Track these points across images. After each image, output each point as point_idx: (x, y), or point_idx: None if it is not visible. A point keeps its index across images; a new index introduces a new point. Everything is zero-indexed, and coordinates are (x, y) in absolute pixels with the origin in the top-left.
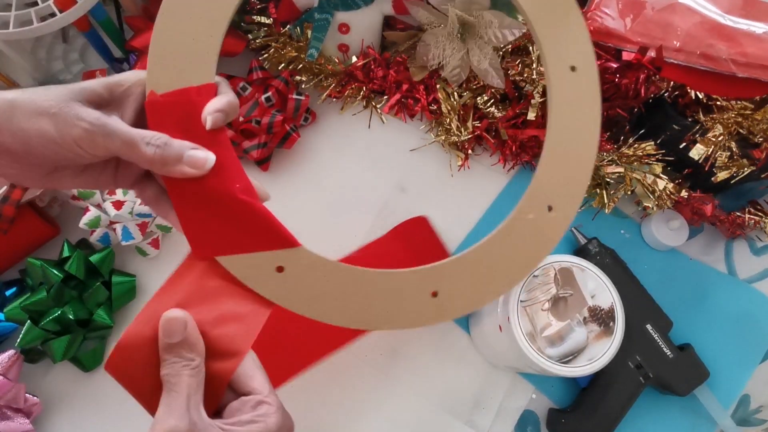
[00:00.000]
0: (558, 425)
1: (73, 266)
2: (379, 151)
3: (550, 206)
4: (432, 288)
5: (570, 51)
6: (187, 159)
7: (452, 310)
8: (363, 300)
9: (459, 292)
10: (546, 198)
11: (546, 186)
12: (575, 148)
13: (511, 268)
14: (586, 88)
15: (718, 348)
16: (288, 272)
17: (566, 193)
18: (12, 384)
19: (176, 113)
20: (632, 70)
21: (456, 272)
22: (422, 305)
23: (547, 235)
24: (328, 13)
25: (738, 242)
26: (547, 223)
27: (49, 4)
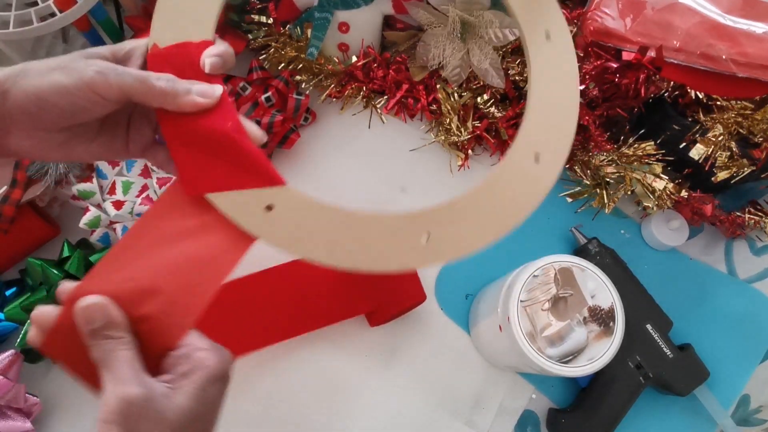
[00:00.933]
0: (558, 425)
1: (73, 266)
2: (379, 151)
3: (537, 154)
4: (423, 231)
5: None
6: (196, 90)
7: (443, 254)
8: (353, 241)
9: (450, 236)
10: (533, 146)
11: (532, 135)
12: (558, 100)
13: (500, 216)
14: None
15: (718, 348)
16: (277, 211)
17: (553, 142)
18: (12, 384)
19: (176, 62)
20: (632, 70)
21: (447, 217)
22: (413, 248)
23: (536, 183)
24: (328, 12)
25: (738, 242)
26: (535, 171)
27: (49, 4)
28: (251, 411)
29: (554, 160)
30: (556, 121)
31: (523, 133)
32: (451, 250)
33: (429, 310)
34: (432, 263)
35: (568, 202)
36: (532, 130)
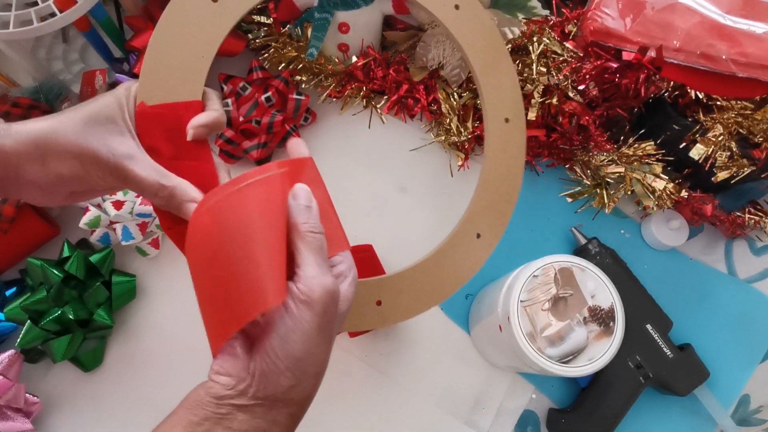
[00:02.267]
0: (558, 425)
1: (73, 266)
2: (379, 151)
3: (478, 234)
4: (377, 297)
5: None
6: (184, 211)
7: (393, 317)
8: None
9: (399, 302)
10: (475, 227)
11: (476, 218)
12: (503, 187)
13: (444, 285)
14: (515, 136)
15: (718, 348)
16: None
17: (493, 223)
18: (12, 384)
19: (164, 124)
20: (632, 70)
21: (397, 285)
22: (368, 312)
23: (475, 257)
24: (328, 13)
25: (738, 242)
26: (476, 247)
27: (49, 4)
28: None
29: (492, 238)
30: (498, 207)
31: (469, 214)
32: (400, 314)
33: (429, 310)
34: (383, 326)
35: (568, 202)
36: (476, 213)
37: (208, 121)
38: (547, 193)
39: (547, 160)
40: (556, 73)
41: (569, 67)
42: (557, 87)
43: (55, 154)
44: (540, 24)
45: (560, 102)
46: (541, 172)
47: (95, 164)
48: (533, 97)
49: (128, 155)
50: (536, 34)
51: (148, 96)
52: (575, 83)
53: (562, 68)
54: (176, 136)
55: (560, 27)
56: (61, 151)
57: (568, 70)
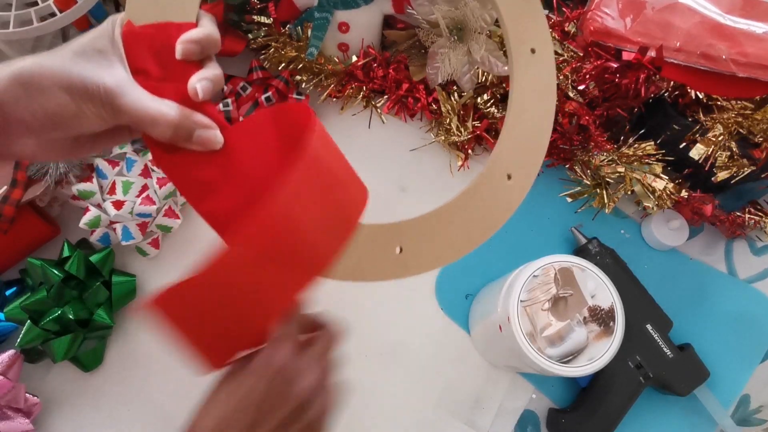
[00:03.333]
0: (558, 425)
1: (73, 266)
2: (379, 151)
3: (509, 175)
4: (398, 243)
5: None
6: (195, 139)
7: (416, 266)
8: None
9: (423, 249)
10: (505, 167)
11: (505, 156)
12: (534, 122)
13: (472, 231)
14: (544, 69)
15: (718, 348)
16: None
17: (524, 163)
18: (12, 384)
19: (152, 44)
20: (632, 70)
21: (420, 230)
22: (388, 259)
23: (507, 201)
24: (327, 12)
25: (738, 242)
26: (506, 190)
27: (49, 4)
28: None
29: (525, 180)
30: (530, 141)
31: (496, 154)
32: (424, 263)
33: (429, 310)
34: (404, 275)
35: (568, 202)
36: (505, 152)
37: (199, 37)
38: (547, 193)
39: (547, 160)
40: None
41: (569, 66)
42: (557, 87)
43: (40, 87)
44: None
45: (560, 102)
46: (541, 172)
47: (86, 96)
48: None
49: (120, 84)
50: None
51: (137, 16)
52: (575, 83)
53: (563, 68)
54: (166, 57)
55: (560, 27)
56: (47, 84)
57: (568, 69)
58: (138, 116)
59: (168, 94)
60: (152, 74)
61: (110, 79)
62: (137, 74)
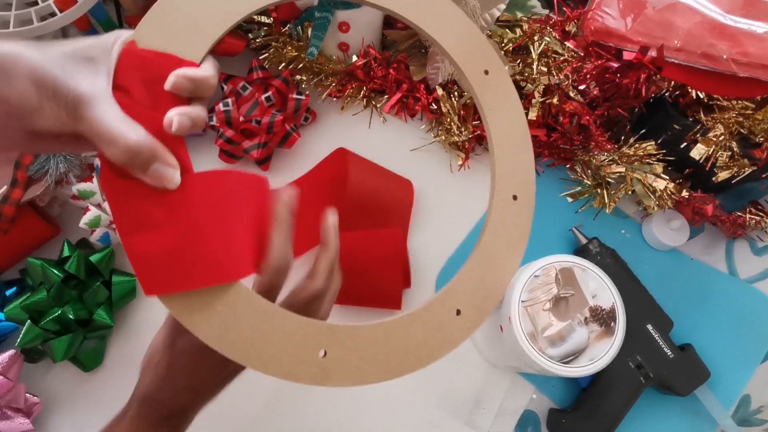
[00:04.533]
0: (559, 425)
1: (73, 266)
2: (379, 150)
3: (458, 310)
4: (322, 346)
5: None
6: (150, 173)
7: (337, 377)
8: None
9: (348, 360)
10: (457, 302)
11: (460, 292)
12: (497, 267)
13: (403, 359)
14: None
15: (718, 348)
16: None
17: (477, 305)
18: (12, 384)
19: (147, 70)
20: (633, 69)
21: (351, 339)
22: (307, 360)
23: (450, 336)
24: (328, 12)
25: (739, 242)
26: (452, 324)
27: (49, 4)
28: (250, 411)
29: (473, 321)
30: (487, 289)
31: (451, 286)
32: (344, 377)
33: None
34: (321, 384)
35: (568, 202)
36: (460, 289)
37: (195, 76)
38: (547, 193)
39: (547, 159)
40: (556, 72)
41: (570, 66)
42: (558, 87)
43: (10, 73)
44: (541, 23)
45: (561, 102)
46: (541, 172)
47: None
48: (534, 96)
49: (95, 95)
50: (537, 34)
51: (143, 39)
52: (576, 83)
53: (563, 68)
54: (155, 85)
55: (561, 26)
56: (18, 72)
57: (568, 69)
58: (97, 131)
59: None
60: (133, 95)
61: (86, 87)
62: (117, 89)
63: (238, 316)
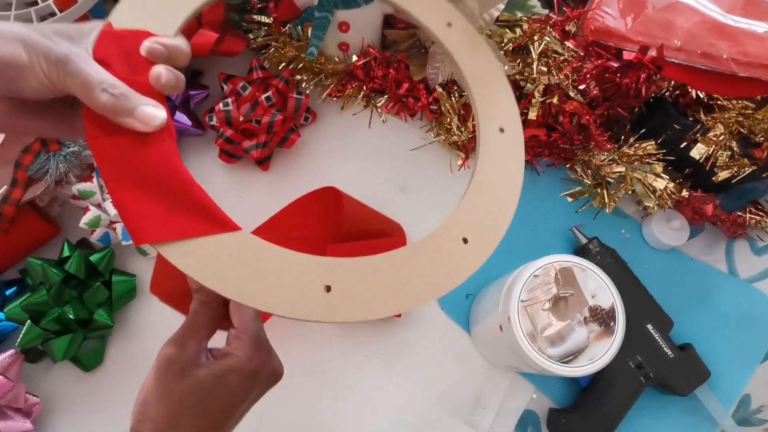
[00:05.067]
0: (559, 425)
1: (73, 266)
2: (379, 150)
3: (465, 239)
4: (326, 282)
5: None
6: (138, 113)
7: (343, 311)
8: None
9: (355, 294)
10: (462, 231)
11: (463, 221)
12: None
13: (414, 288)
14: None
15: (718, 348)
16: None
17: (483, 234)
18: (12, 384)
19: (124, 44)
20: (633, 69)
21: (357, 274)
22: (312, 296)
23: (460, 264)
24: (328, 12)
25: (739, 242)
26: (460, 253)
27: (49, 4)
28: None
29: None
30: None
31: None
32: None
33: (429, 309)
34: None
35: (568, 202)
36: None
37: (168, 42)
38: (547, 192)
39: (547, 159)
40: (556, 72)
41: (570, 66)
42: (558, 86)
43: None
44: (541, 23)
45: (561, 101)
46: (541, 172)
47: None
48: (534, 96)
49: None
50: (537, 33)
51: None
52: (576, 83)
53: (563, 67)
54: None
55: (561, 26)
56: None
57: (568, 69)
58: (86, 79)
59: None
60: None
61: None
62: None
63: (235, 256)
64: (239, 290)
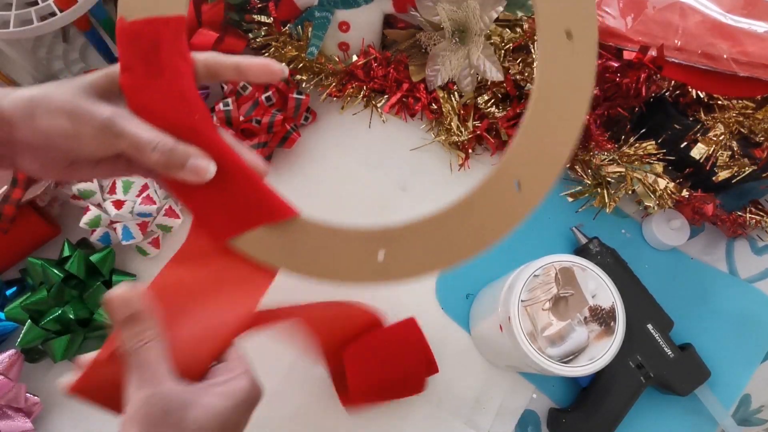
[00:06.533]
0: (559, 425)
1: (73, 266)
2: (379, 150)
3: (519, 182)
4: (381, 248)
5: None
6: (189, 167)
7: (397, 273)
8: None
9: (407, 256)
10: (516, 173)
11: (518, 161)
12: (558, 127)
13: (466, 241)
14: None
15: (719, 348)
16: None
17: (538, 173)
18: (12, 384)
19: (142, 44)
20: (633, 69)
21: (406, 237)
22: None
23: (511, 211)
24: (328, 12)
25: (739, 242)
26: (512, 199)
27: (49, 4)
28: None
29: (537, 189)
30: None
31: (509, 157)
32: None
33: (429, 309)
34: (381, 281)
35: (568, 202)
36: (519, 157)
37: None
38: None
39: None
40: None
41: None
42: None
43: (45, 109)
44: None
45: None
46: None
47: (86, 120)
48: None
49: (120, 113)
50: None
51: (128, 9)
52: None
53: None
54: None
55: None
56: (52, 108)
57: None
58: (137, 141)
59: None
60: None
61: (112, 110)
62: (126, 71)
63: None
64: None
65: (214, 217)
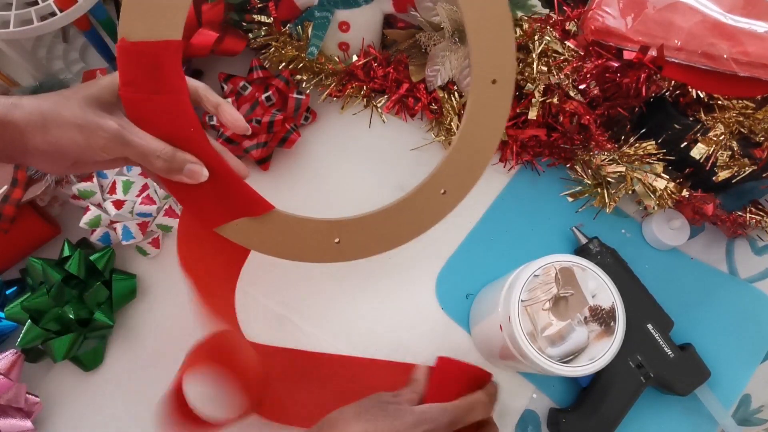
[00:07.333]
0: (559, 425)
1: (73, 266)
2: (379, 150)
3: (444, 190)
4: (336, 237)
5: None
6: (186, 171)
7: (350, 254)
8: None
9: (357, 241)
10: (443, 184)
11: (445, 175)
12: (478, 149)
13: (401, 232)
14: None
15: (719, 347)
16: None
17: (459, 184)
18: (13, 383)
19: (143, 63)
20: (633, 69)
21: (357, 227)
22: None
23: (436, 211)
24: (328, 11)
25: (739, 242)
26: (438, 202)
27: (49, 4)
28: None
29: (457, 195)
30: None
31: (438, 170)
32: (355, 252)
33: (429, 309)
34: (338, 260)
35: (569, 202)
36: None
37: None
38: (547, 192)
39: (547, 159)
40: (557, 72)
41: (570, 66)
42: (558, 86)
43: (56, 124)
44: (541, 23)
45: (561, 101)
46: (542, 172)
47: (97, 133)
48: (534, 96)
49: (125, 125)
50: (537, 33)
51: (129, 31)
52: (576, 82)
53: (563, 67)
54: (154, 73)
55: (561, 26)
56: (63, 122)
57: (569, 69)
58: (143, 150)
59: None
60: (140, 86)
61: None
62: (127, 85)
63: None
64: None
65: (205, 210)
